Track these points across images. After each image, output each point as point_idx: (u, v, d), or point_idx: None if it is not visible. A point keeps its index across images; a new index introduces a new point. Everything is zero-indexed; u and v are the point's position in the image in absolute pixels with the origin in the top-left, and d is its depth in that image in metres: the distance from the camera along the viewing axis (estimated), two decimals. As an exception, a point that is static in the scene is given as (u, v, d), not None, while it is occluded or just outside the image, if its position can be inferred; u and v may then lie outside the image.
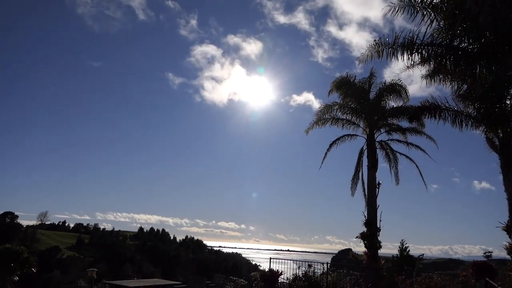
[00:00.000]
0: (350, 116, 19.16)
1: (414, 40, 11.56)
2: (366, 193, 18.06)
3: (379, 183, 17.66)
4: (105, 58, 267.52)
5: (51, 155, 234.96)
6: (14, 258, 12.94)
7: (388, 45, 11.94)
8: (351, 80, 18.87)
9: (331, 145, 19.34)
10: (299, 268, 15.71)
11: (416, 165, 18.77)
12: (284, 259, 16.27)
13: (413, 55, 11.91)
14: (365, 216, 17.44)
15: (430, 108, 14.50)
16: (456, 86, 13.75)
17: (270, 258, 16.07)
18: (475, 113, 14.10)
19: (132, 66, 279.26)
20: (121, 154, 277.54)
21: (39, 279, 40.11)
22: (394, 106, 18.77)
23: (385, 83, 18.88)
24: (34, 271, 13.85)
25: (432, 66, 12.56)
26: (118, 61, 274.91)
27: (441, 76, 13.41)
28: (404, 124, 18.75)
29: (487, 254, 14.64)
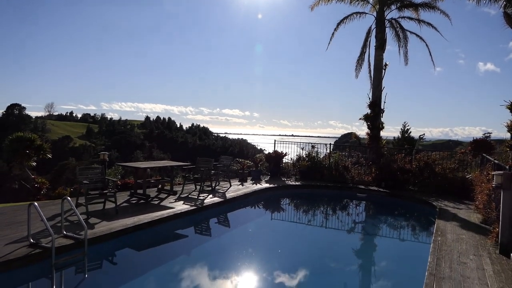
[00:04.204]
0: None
1: None
2: (372, 75, 17.74)
3: (386, 64, 17.21)
4: None
5: (51, 44, 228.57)
6: (28, 145, 13.23)
7: None
8: None
9: (338, 24, 18.35)
10: (302, 149, 16.26)
11: (426, 44, 18.03)
12: (288, 142, 16.75)
13: None
14: (369, 98, 17.41)
15: (447, -20, 13.34)
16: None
17: (275, 141, 16.57)
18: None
19: None
20: (119, 41, 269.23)
21: (55, 166, 42.37)
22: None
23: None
24: (50, 156, 14.29)
25: None
26: None
27: None
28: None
29: (486, 134, 14.89)
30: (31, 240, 5.93)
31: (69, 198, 6.38)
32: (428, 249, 6.60)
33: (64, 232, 6.43)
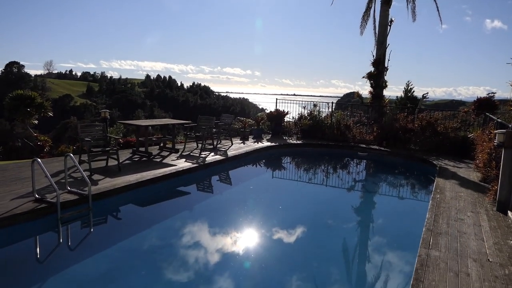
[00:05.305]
0: None
1: None
2: (377, 31, 17.27)
3: (391, 20, 16.70)
4: None
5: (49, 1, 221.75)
6: (28, 103, 13.16)
7: None
8: None
9: (343, -22, 17.63)
10: (304, 108, 16.13)
11: (434, -1, 17.37)
12: (290, 101, 16.60)
13: None
14: (373, 56, 17.05)
15: None
16: None
17: (277, 99, 16.42)
18: None
19: None
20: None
21: (57, 125, 42.45)
22: None
23: None
24: (51, 115, 14.27)
25: None
26: None
27: None
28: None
29: (490, 94, 14.66)
30: (36, 196, 6.03)
31: (71, 155, 6.43)
32: (426, 206, 6.71)
33: (68, 188, 6.53)
